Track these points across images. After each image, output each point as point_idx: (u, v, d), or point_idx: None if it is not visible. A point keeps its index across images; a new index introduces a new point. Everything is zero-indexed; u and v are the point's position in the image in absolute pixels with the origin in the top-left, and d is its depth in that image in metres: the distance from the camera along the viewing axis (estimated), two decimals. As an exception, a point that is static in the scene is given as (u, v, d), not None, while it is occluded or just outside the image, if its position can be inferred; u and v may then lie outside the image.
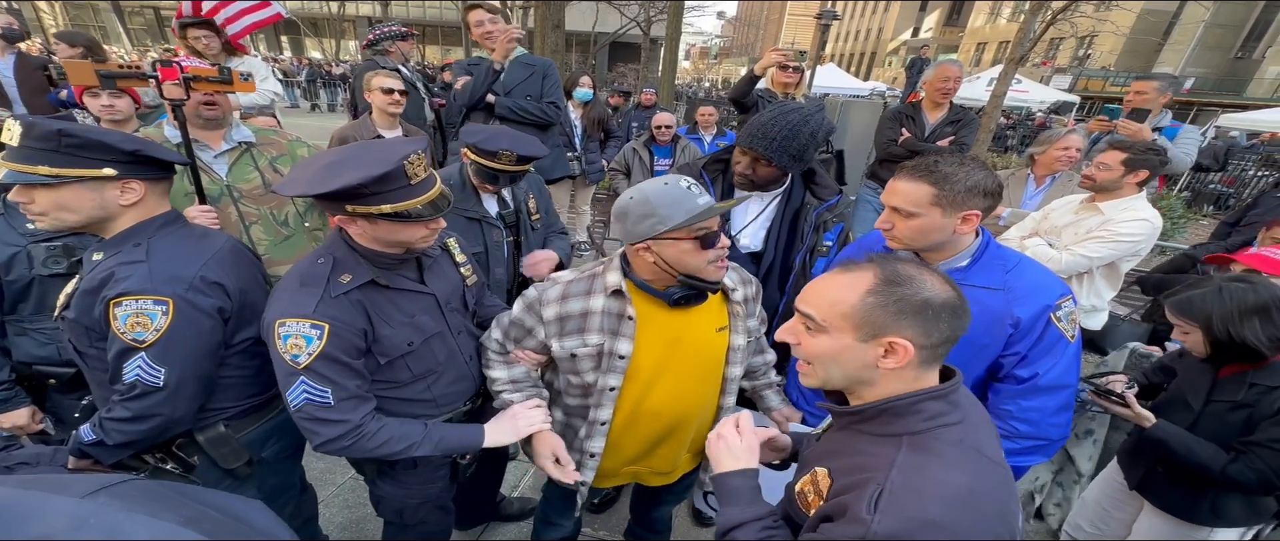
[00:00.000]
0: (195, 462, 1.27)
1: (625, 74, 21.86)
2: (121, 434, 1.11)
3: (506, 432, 1.27)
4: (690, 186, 1.09)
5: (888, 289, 0.75)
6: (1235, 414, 1.34)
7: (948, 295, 0.75)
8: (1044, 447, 1.25)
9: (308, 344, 1.08)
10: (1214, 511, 1.42)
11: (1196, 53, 22.81)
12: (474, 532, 2.11)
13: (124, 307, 1.05)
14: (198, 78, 1.68)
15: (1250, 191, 8.35)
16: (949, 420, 0.75)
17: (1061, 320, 1.20)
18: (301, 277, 1.13)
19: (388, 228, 1.12)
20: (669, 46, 12.51)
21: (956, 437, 0.73)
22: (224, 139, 1.90)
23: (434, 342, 1.28)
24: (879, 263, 0.79)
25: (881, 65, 43.52)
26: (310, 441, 1.14)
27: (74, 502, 0.45)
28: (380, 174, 1.02)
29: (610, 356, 1.20)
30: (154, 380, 1.08)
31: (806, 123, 1.50)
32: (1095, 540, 1.75)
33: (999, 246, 1.26)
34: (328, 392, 1.10)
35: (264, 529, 0.57)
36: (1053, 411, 1.22)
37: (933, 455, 0.71)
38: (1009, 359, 1.23)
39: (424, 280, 1.29)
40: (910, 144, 3.47)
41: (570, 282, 1.25)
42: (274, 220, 2.00)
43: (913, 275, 0.76)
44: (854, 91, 14.45)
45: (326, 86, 15.65)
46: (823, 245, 1.65)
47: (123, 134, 1.13)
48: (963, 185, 1.13)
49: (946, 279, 0.78)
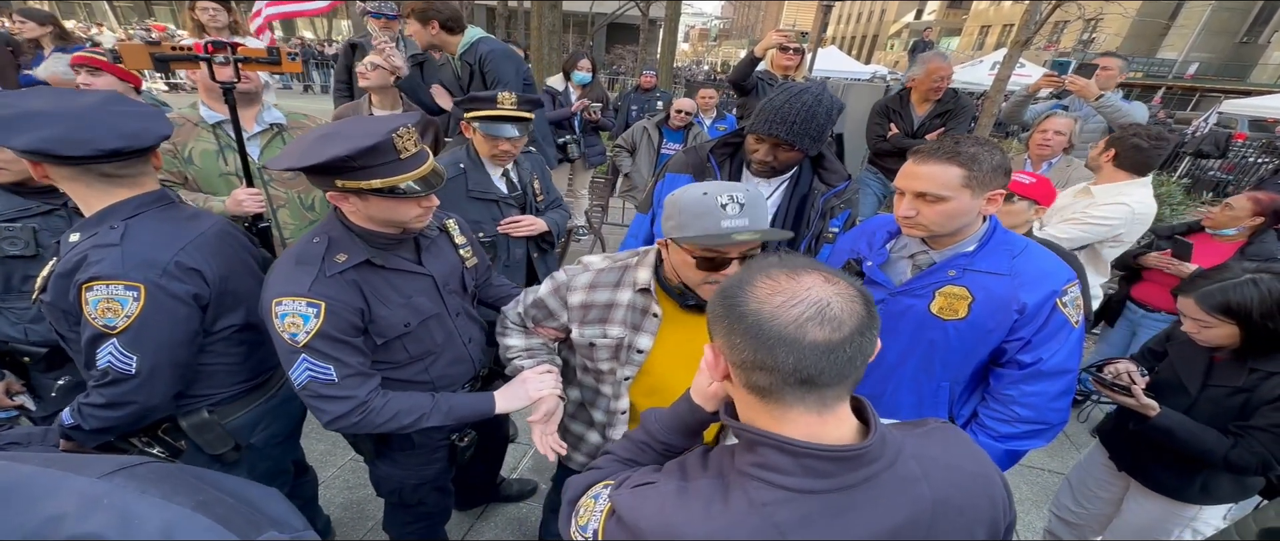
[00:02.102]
0: (182, 447, 1.26)
1: (624, 56, 21.54)
2: (97, 420, 1.09)
3: (517, 398, 1.27)
4: (727, 204, 1.00)
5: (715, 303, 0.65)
6: (1233, 398, 1.35)
7: (784, 318, 0.56)
8: (1044, 431, 1.25)
9: (305, 322, 1.07)
10: (1204, 490, 1.44)
11: (1202, 37, 22.57)
12: (474, 513, 2.14)
13: (95, 293, 1.02)
14: (247, 59, 1.70)
15: (1250, 178, 8.35)
16: (788, 485, 0.57)
17: (1067, 305, 1.19)
18: (297, 256, 1.12)
19: (380, 204, 1.10)
20: (668, 28, 12.31)
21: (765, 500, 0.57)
22: (257, 120, 1.92)
23: (432, 324, 1.28)
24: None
25: (883, 48, 42.95)
26: (319, 419, 1.14)
27: (89, 482, 0.46)
28: (368, 146, 1.00)
29: (629, 349, 1.19)
30: (125, 367, 1.05)
31: (820, 101, 1.47)
32: (1082, 520, 1.78)
33: (1006, 232, 1.25)
34: (330, 369, 1.10)
35: (277, 515, 0.57)
36: (1054, 396, 1.22)
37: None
38: (1013, 344, 1.22)
39: (422, 261, 1.28)
40: (898, 140, 3.45)
41: (601, 271, 1.23)
42: (301, 204, 2.02)
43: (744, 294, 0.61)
44: (855, 75, 14.27)
45: (320, 67, 15.37)
46: (829, 232, 1.63)
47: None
48: (989, 164, 1.12)
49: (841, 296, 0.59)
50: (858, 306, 0.58)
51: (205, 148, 1.86)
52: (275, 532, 0.52)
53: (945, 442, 0.67)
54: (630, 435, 0.89)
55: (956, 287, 1.22)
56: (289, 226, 2.00)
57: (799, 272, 0.60)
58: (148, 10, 26.37)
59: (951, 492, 0.62)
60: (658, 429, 0.85)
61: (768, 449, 0.59)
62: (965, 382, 1.33)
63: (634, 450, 0.86)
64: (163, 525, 0.45)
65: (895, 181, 1.23)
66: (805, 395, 0.58)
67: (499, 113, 1.74)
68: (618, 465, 0.84)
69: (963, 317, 1.22)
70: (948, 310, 1.23)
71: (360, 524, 2.07)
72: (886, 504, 0.58)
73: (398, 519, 1.61)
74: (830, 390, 0.58)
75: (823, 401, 0.59)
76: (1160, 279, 2.36)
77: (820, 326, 0.55)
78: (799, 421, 0.60)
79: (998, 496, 0.67)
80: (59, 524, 0.41)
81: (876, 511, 0.57)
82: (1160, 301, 2.39)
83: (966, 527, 0.62)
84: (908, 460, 0.61)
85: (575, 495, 0.79)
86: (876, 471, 0.58)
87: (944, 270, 1.23)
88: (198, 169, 1.86)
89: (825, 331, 0.55)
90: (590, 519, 0.68)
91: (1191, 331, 1.41)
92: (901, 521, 0.58)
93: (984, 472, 0.67)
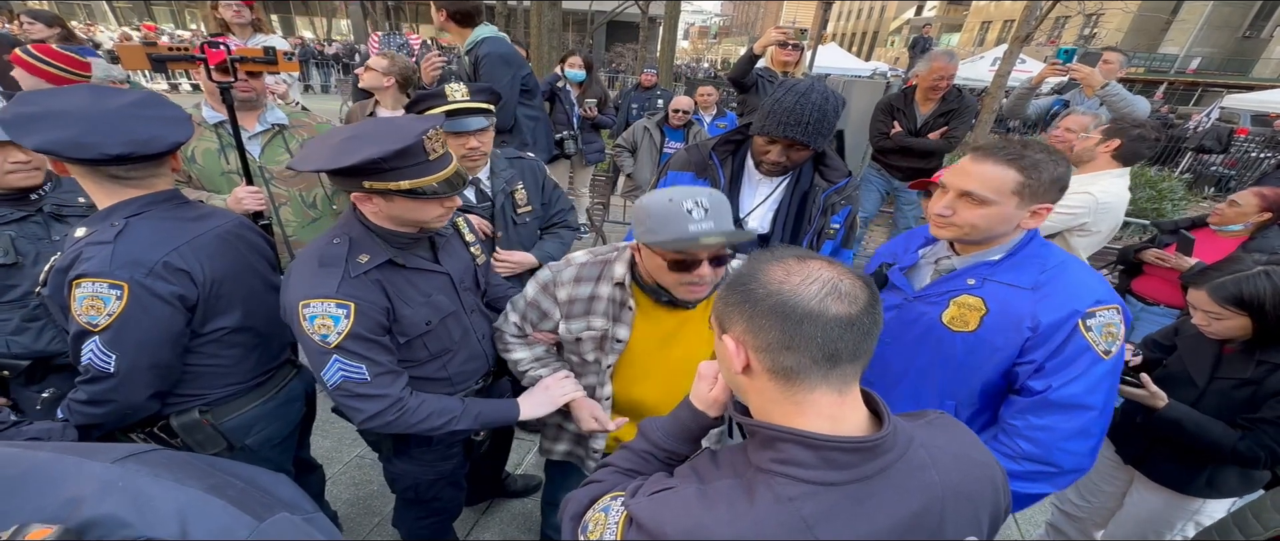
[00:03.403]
0: (176, 445, 1.26)
1: (623, 54, 21.52)
2: (82, 416, 1.11)
3: (542, 404, 1.29)
4: (692, 210, 1.02)
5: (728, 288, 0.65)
6: (1241, 390, 1.35)
7: (803, 297, 0.58)
8: (1051, 476, 1.07)
9: (336, 323, 1.07)
10: (1210, 483, 1.44)
11: (1204, 32, 22.49)
12: (479, 509, 2.15)
13: (82, 289, 1.03)
14: (243, 59, 1.71)
15: (1253, 173, 8.33)
16: (811, 478, 0.58)
17: (1091, 330, 1.03)
18: (320, 258, 1.12)
19: (404, 205, 1.11)
20: (668, 25, 12.29)
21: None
22: (259, 120, 1.93)
23: (450, 321, 1.29)
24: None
25: (883, 44, 42.85)
26: (353, 419, 1.15)
27: (103, 467, 0.47)
28: (400, 148, 1.01)
29: (610, 339, 1.24)
30: (104, 365, 1.06)
31: (828, 99, 1.47)
32: (1084, 513, 1.78)
33: (1044, 244, 1.14)
34: (363, 368, 1.11)
35: (288, 498, 0.58)
36: (1066, 435, 1.04)
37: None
38: (1024, 367, 1.08)
39: (438, 259, 1.29)
40: (900, 139, 3.45)
41: (584, 265, 1.27)
42: (303, 202, 2.03)
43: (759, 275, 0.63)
44: (856, 72, 14.27)
45: (320, 67, 15.38)
46: (830, 228, 1.63)
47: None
48: (1049, 175, 1.02)
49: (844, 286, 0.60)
50: (861, 285, 0.61)
51: (207, 147, 1.88)
52: (287, 514, 0.53)
53: (949, 432, 0.69)
54: (630, 445, 0.89)
55: (972, 298, 1.12)
56: (291, 224, 2.02)
57: (805, 258, 0.64)
58: (147, 10, 26.37)
59: (960, 480, 0.63)
60: (661, 437, 0.86)
61: (788, 444, 0.60)
62: (974, 406, 1.19)
63: (636, 460, 0.86)
64: (177, 506, 0.46)
65: (942, 176, 1.14)
66: (829, 373, 0.60)
67: (451, 106, 1.56)
68: (619, 477, 0.84)
69: (972, 331, 1.12)
70: (958, 321, 1.13)
71: (366, 519, 2.08)
72: (902, 493, 0.59)
73: (409, 515, 1.62)
74: (849, 367, 0.61)
75: (843, 379, 0.61)
76: (1161, 273, 2.36)
77: (839, 300, 0.59)
78: (820, 403, 0.61)
79: (1000, 483, 0.69)
80: (77, 506, 0.43)
81: (894, 500, 0.59)
82: (1162, 295, 2.39)
83: (974, 514, 0.64)
84: (918, 449, 0.62)
85: (578, 510, 0.78)
86: (892, 461, 0.59)
87: (963, 277, 1.15)
88: (200, 168, 1.87)
89: (844, 305, 0.59)
90: (604, 531, 0.68)
91: (1201, 324, 1.41)
92: (917, 509, 0.59)
93: (987, 460, 0.69)
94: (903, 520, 0.58)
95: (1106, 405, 1.06)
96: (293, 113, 2.06)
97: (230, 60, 1.65)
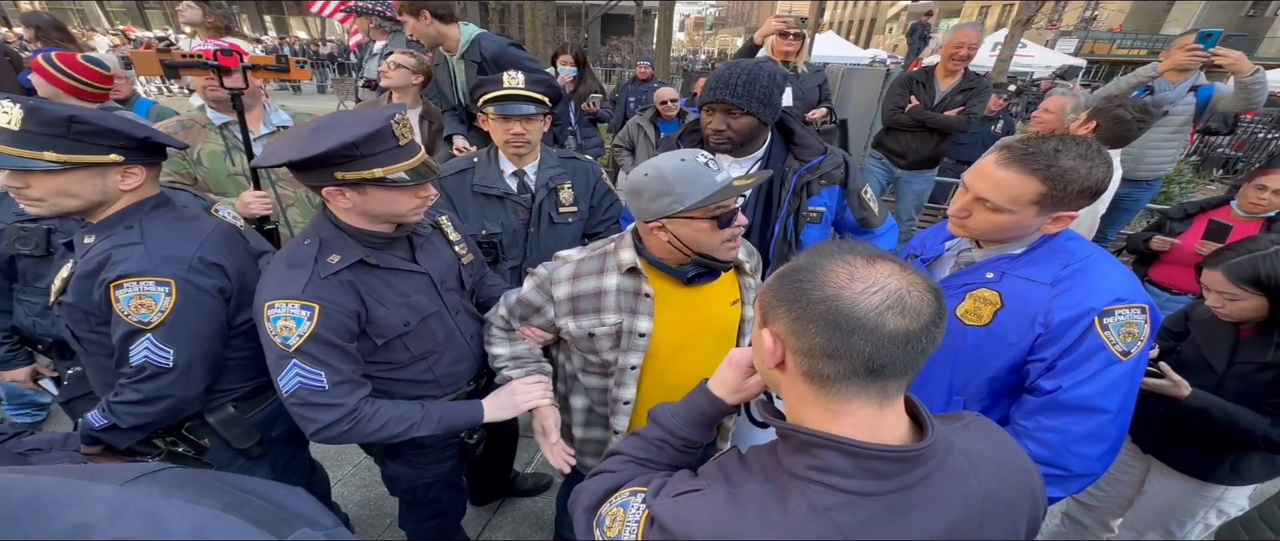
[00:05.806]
0: (206, 444, 1.27)
1: (619, 47, 21.35)
2: (133, 416, 1.10)
3: (505, 408, 1.27)
4: (707, 161, 1.03)
5: (781, 280, 0.62)
6: (1263, 374, 1.32)
7: (864, 306, 0.54)
8: (1060, 479, 1.05)
9: (298, 325, 1.05)
10: (1233, 470, 1.42)
11: (1207, 11, 22.22)
12: (490, 508, 2.15)
13: (126, 290, 1.04)
14: (256, 66, 1.74)
15: (1260, 154, 8.25)
16: (848, 488, 0.55)
17: (1108, 329, 0.99)
18: (288, 259, 1.10)
19: (378, 197, 1.09)
20: (663, 18, 12.17)
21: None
22: (263, 122, 1.94)
23: (432, 322, 1.27)
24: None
25: (882, 32, 42.48)
26: (305, 429, 1.11)
27: (113, 489, 0.45)
28: (371, 132, 1.01)
29: (630, 335, 1.18)
30: (163, 361, 1.08)
31: (761, 67, 1.45)
32: (1101, 503, 1.77)
33: (1072, 238, 1.09)
34: (321, 375, 1.08)
35: (307, 513, 0.56)
36: (1077, 438, 1.01)
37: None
38: (1035, 365, 1.05)
39: (416, 259, 1.26)
40: (917, 112, 3.40)
41: (581, 261, 1.22)
42: (309, 202, 2.04)
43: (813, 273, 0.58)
44: (854, 60, 14.12)
45: (315, 67, 15.30)
46: (812, 211, 1.55)
47: (131, 120, 1.12)
48: (1078, 185, 0.97)
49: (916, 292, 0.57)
50: (930, 297, 0.56)
51: (213, 149, 1.88)
52: (308, 530, 0.51)
53: (986, 437, 0.66)
54: (642, 433, 0.86)
55: (989, 291, 1.10)
56: (299, 224, 2.02)
57: (875, 260, 0.58)
58: (139, 13, 26.25)
59: (999, 488, 0.61)
60: (675, 424, 0.83)
61: (825, 451, 0.57)
62: (982, 402, 1.17)
63: (649, 448, 0.83)
64: (192, 527, 0.45)
65: (964, 175, 1.11)
66: (868, 385, 0.56)
67: (506, 92, 1.63)
68: (632, 466, 0.81)
69: (984, 324, 1.09)
70: (972, 314, 1.11)
71: (378, 520, 2.07)
72: (942, 503, 0.56)
73: (413, 516, 1.61)
74: (894, 381, 0.57)
75: (885, 393, 0.57)
76: (1178, 258, 2.32)
77: (900, 315, 0.54)
78: (857, 414, 0.58)
79: (1038, 490, 0.67)
80: (88, 531, 0.41)
81: (934, 511, 0.56)
82: (1181, 282, 2.34)
83: (1012, 522, 0.62)
84: (957, 457, 0.60)
85: (592, 502, 0.76)
86: (932, 470, 0.57)
87: (982, 271, 1.13)
88: (206, 170, 1.87)
89: (905, 321, 0.54)
90: (623, 529, 0.66)
91: (1216, 305, 1.38)
92: (957, 520, 0.57)
93: (1025, 466, 0.66)
94: (942, 531, 0.56)
95: (1123, 409, 1.02)
96: (298, 113, 2.07)
97: (243, 67, 1.68)
